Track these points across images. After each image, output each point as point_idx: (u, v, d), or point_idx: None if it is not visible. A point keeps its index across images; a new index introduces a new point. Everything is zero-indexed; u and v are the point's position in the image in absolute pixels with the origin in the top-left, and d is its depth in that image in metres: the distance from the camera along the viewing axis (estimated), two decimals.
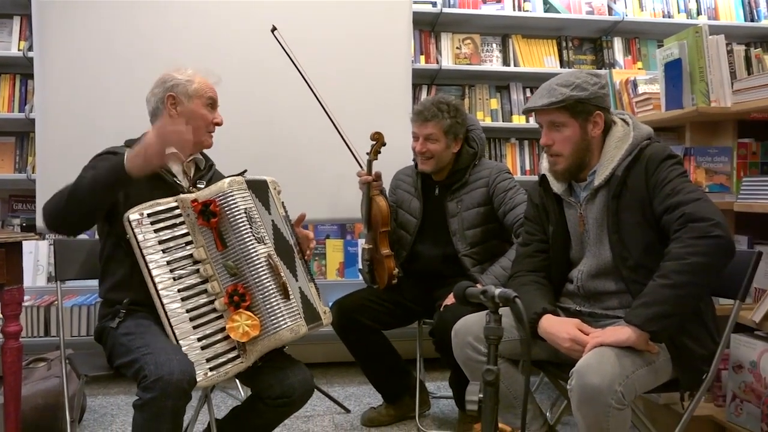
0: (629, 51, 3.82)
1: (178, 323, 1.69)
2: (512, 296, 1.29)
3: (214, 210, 1.74)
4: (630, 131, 1.81)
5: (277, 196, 1.96)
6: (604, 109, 1.82)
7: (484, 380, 1.26)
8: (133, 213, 1.72)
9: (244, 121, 2.88)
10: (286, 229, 1.93)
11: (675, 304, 1.59)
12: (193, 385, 1.60)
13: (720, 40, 2.33)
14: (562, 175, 1.86)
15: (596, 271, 1.83)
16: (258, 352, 1.73)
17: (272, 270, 1.75)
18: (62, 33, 2.79)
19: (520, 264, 2.00)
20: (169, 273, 1.72)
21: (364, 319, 2.50)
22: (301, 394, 1.82)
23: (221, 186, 1.77)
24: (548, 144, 1.83)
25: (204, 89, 1.97)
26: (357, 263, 3.45)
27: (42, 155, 2.79)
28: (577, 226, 1.88)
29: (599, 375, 1.53)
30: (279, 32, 2.59)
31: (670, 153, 1.76)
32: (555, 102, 1.77)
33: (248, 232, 1.75)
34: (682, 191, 1.67)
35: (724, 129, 2.42)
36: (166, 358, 1.59)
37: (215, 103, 2.01)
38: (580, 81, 1.78)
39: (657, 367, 1.66)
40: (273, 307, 1.73)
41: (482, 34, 3.70)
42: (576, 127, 1.79)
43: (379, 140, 2.54)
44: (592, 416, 1.55)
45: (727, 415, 2.22)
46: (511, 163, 3.68)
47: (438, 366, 3.12)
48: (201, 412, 2.19)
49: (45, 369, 2.57)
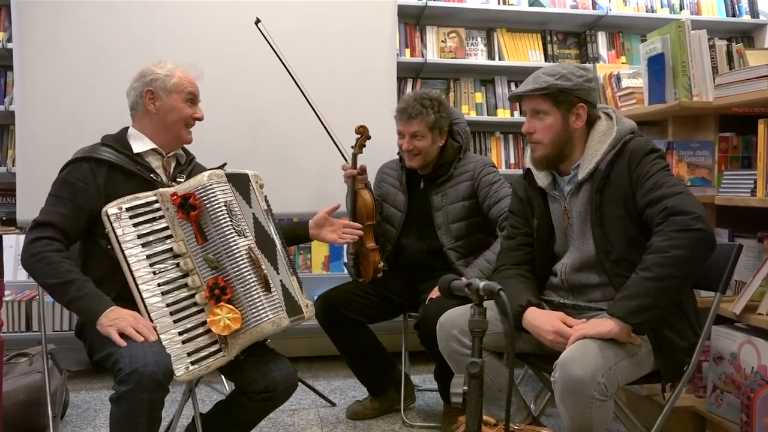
0: (613, 45, 3.84)
1: (159, 317, 1.68)
2: (497, 289, 1.29)
3: (193, 203, 1.73)
4: (613, 125, 1.82)
5: (258, 189, 1.95)
6: (589, 102, 1.83)
7: (469, 373, 1.27)
8: (112, 207, 1.71)
9: (228, 114, 2.86)
10: (268, 222, 1.92)
11: (657, 297, 1.61)
12: (169, 377, 1.59)
13: (702, 35, 2.35)
14: (540, 163, 1.87)
15: (580, 264, 1.85)
16: (239, 345, 1.73)
17: (253, 263, 1.74)
18: (42, 23, 2.75)
19: (504, 257, 2.01)
20: (148, 267, 1.70)
21: (350, 313, 2.50)
22: (284, 388, 1.82)
23: (201, 179, 1.76)
24: (529, 131, 1.85)
25: (183, 84, 1.95)
26: (342, 257, 3.44)
27: (22, 148, 2.75)
28: (562, 220, 1.89)
29: (582, 367, 1.55)
30: (263, 25, 2.57)
31: (653, 147, 1.77)
32: (538, 88, 1.79)
33: (228, 225, 1.73)
34: (664, 185, 1.69)
35: (705, 123, 2.45)
36: (141, 351, 1.58)
37: (195, 98, 1.99)
38: (566, 72, 1.80)
39: (639, 358, 1.68)
40: (254, 300, 1.72)
41: (467, 28, 3.70)
42: (558, 116, 1.81)
43: (364, 134, 2.53)
44: (576, 408, 1.57)
45: (708, 405, 2.26)
46: (495, 156, 3.69)
47: (423, 359, 3.13)
48: (186, 406, 2.18)
49: (27, 364, 2.54)
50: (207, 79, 2.83)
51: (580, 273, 1.85)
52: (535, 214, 1.94)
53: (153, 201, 1.75)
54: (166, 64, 1.97)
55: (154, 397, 1.56)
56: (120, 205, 1.71)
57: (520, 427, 1.60)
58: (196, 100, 1.99)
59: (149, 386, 1.53)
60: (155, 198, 1.76)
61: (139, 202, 1.74)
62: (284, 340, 3.36)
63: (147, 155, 1.94)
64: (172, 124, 1.93)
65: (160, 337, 1.67)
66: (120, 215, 1.70)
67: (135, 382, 1.53)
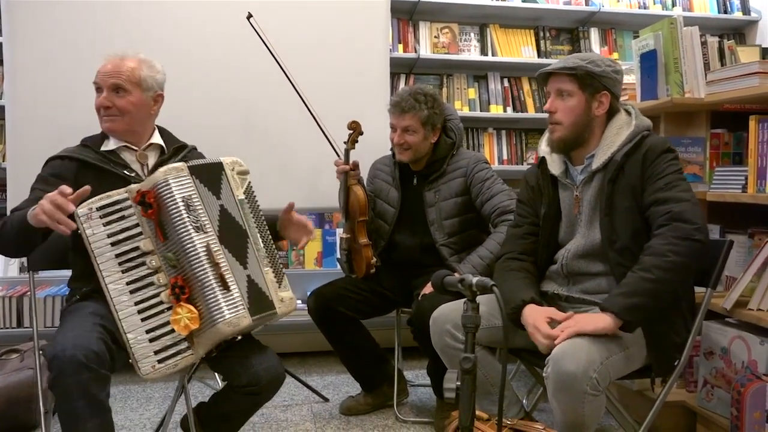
0: (605, 41, 3.85)
1: (127, 316, 1.66)
2: (489, 285, 1.30)
3: (149, 201, 1.69)
4: (632, 120, 1.84)
5: (235, 177, 1.88)
6: (613, 93, 1.84)
7: (462, 368, 1.27)
8: (82, 208, 1.68)
9: (220, 110, 2.85)
10: (242, 212, 1.85)
11: (653, 298, 1.64)
12: (92, 358, 1.56)
13: (694, 31, 2.36)
14: (557, 144, 1.88)
15: (583, 251, 1.85)
16: (205, 345, 1.70)
17: (211, 260, 1.70)
18: (32, 19, 2.72)
19: (509, 245, 2.02)
20: (117, 266, 1.69)
21: (342, 309, 2.50)
22: (268, 381, 1.79)
23: (157, 175, 1.72)
24: (551, 111, 1.86)
25: (96, 75, 1.94)
26: (335, 253, 3.44)
27: (12, 143, 2.73)
28: (572, 208, 1.90)
29: (574, 362, 1.56)
30: (255, 19, 2.56)
31: (670, 146, 1.79)
32: (567, 68, 1.82)
33: (185, 222, 1.69)
34: (675, 188, 1.72)
35: (697, 119, 2.46)
36: (63, 336, 1.60)
37: (100, 87, 1.94)
38: (596, 59, 1.84)
39: (631, 353, 1.69)
40: (209, 300, 1.68)
41: (460, 23, 3.70)
42: (582, 99, 1.82)
43: (357, 129, 2.53)
44: (568, 403, 1.58)
45: (699, 400, 2.27)
46: (488, 152, 3.69)
47: (416, 355, 3.13)
48: (178, 402, 2.18)
49: (18, 360, 2.53)
50: (199, 74, 2.83)
51: (581, 260, 1.86)
52: (544, 203, 1.95)
53: (124, 198, 1.73)
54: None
55: (82, 379, 1.54)
56: (90, 206, 1.68)
57: (512, 422, 1.60)
58: (101, 89, 1.93)
59: (70, 369, 1.53)
60: (126, 195, 1.73)
61: (110, 200, 1.71)
62: (277, 336, 3.36)
63: (121, 151, 1.95)
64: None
65: (127, 336, 1.65)
66: (90, 215, 1.67)
67: (56, 367, 1.55)
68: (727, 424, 2.07)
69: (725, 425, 2.09)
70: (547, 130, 1.91)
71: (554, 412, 1.64)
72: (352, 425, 2.53)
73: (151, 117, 2.02)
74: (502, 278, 1.91)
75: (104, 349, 1.61)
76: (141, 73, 1.94)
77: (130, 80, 1.92)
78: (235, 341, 1.79)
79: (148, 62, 1.99)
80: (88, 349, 1.57)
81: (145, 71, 1.96)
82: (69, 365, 1.53)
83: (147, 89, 1.96)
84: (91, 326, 1.66)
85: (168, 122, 2.14)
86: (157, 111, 2.04)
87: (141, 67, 1.95)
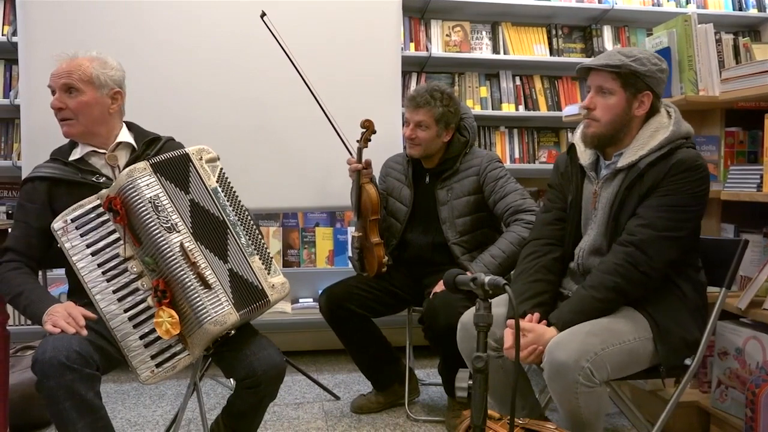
0: (619, 39, 3.82)
1: (118, 325, 1.66)
2: (502, 284, 1.29)
3: (115, 207, 1.66)
4: (670, 125, 1.77)
5: (204, 166, 1.80)
6: (655, 93, 1.78)
7: (474, 367, 1.27)
8: (57, 222, 1.67)
9: (233, 108, 2.86)
10: (216, 203, 1.78)
11: (591, 314, 1.69)
12: (73, 358, 1.54)
13: (709, 28, 2.34)
14: (591, 139, 1.82)
15: (597, 248, 1.84)
16: (198, 345, 1.69)
17: (188, 260, 1.67)
18: (47, 17, 2.74)
19: (537, 231, 1.99)
20: (101, 275, 1.67)
21: (354, 307, 2.50)
22: (264, 372, 1.73)
23: (121, 179, 1.69)
24: (589, 107, 1.80)
25: (50, 78, 1.87)
26: (346, 251, 3.45)
27: (27, 142, 2.75)
28: (590, 203, 1.88)
29: (566, 351, 1.58)
30: (268, 18, 2.56)
31: (699, 164, 1.71)
32: (611, 65, 1.74)
33: (155, 224, 1.66)
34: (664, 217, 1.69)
35: (711, 118, 2.44)
36: (45, 341, 1.58)
37: (53, 90, 1.86)
38: (642, 56, 1.75)
39: (632, 346, 1.67)
40: (193, 301, 1.65)
41: (472, 22, 3.69)
42: (622, 98, 1.76)
43: (370, 128, 2.53)
44: (561, 392, 1.59)
45: (712, 401, 2.25)
46: (500, 151, 3.68)
47: (427, 353, 3.14)
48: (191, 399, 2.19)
49: (32, 358, 2.55)
50: (211, 72, 2.84)
51: (595, 257, 1.84)
52: (571, 190, 1.92)
53: (96, 206, 1.70)
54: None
55: (64, 381, 1.53)
56: (65, 218, 1.68)
57: (524, 422, 1.60)
58: (54, 91, 1.86)
59: (51, 372, 1.52)
60: (99, 202, 1.70)
61: (83, 210, 1.69)
62: (288, 334, 3.38)
63: (89, 157, 1.89)
64: None
65: (122, 345, 1.65)
66: (66, 228, 1.67)
67: (39, 371, 1.54)
68: (742, 425, 2.05)
69: (739, 426, 2.08)
70: (582, 123, 1.86)
71: (557, 406, 1.66)
72: (364, 423, 2.54)
73: (113, 116, 1.91)
74: (518, 271, 1.91)
75: (89, 349, 1.59)
76: (92, 71, 1.85)
77: (81, 79, 1.84)
78: (229, 336, 1.75)
79: (100, 60, 1.90)
80: (69, 350, 1.54)
81: (96, 69, 1.86)
82: (49, 368, 1.52)
83: (101, 87, 1.86)
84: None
85: (178, 122, 2.14)
86: (119, 109, 1.93)
87: (92, 65, 1.86)
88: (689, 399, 2.30)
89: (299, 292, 3.52)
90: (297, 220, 3.52)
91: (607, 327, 1.66)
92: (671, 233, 1.69)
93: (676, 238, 1.70)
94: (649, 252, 1.67)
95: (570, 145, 1.96)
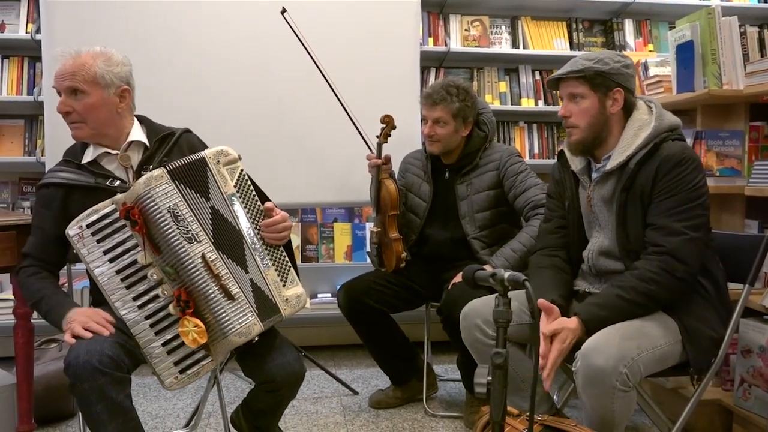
0: (640, 33, 3.77)
1: (140, 332, 1.63)
2: (522, 279, 1.28)
3: (134, 217, 1.61)
4: (652, 121, 1.77)
5: (221, 170, 1.70)
6: (626, 88, 1.80)
7: (493, 363, 1.27)
8: (73, 228, 1.64)
9: (253, 104, 2.87)
10: (232, 209, 1.70)
11: (619, 316, 1.66)
12: (106, 362, 1.53)
13: (733, 21, 2.30)
14: (576, 147, 1.84)
15: (605, 250, 1.84)
16: (221, 352, 1.68)
17: (210, 271, 1.63)
18: (70, 15, 2.78)
19: (541, 241, 2.01)
20: (120, 282, 1.64)
21: (372, 302, 2.50)
22: (282, 379, 1.72)
23: (138, 188, 1.62)
24: (565, 116, 1.83)
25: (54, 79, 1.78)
26: (365, 246, 3.45)
27: (51, 138, 2.80)
28: (586, 207, 1.89)
29: (604, 356, 1.55)
30: (288, 14, 2.57)
31: (686, 156, 1.70)
32: (574, 71, 1.78)
33: (175, 235, 1.61)
34: (679, 219, 1.68)
35: (735, 112, 2.40)
36: (78, 343, 1.58)
37: (59, 92, 1.77)
38: (603, 57, 1.79)
39: (664, 350, 1.66)
40: (217, 312, 1.63)
41: (491, 16, 3.66)
42: (594, 100, 1.78)
43: (390, 123, 2.53)
44: (597, 398, 1.57)
45: (735, 399, 2.23)
46: (520, 146, 3.65)
47: (446, 349, 3.13)
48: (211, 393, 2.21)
49: (56, 350, 2.59)
50: (232, 68, 2.86)
51: (605, 258, 1.84)
52: (567, 196, 1.94)
53: (112, 211, 1.65)
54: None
55: (97, 385, 1.53)
56: (80, 223, 1.64)
57: (543, 418, 1.59)
58: (60, 93, 1.77)
59: (84, 376, 1.52)
60: (114, 207, 1.65)
61: (98, 215, 1.65)
62: (306, 329, 3.39)
63: (101, 159, 1.82)
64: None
65: (144, 352, 1.63)
66: (82, 234, 1.63)
67: (72, 375, 1.53)
68: (765, 424, 2.03)
69: (763, 425, 2.05)
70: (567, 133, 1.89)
71: (584, 408, 1.63)
72: (382, 418, 2.54)
73: (122, 114, 1.82)
74: (531, 275, 1.90)
75: (120, 352, 1.59)
76: (97, 70, 1.75)
77: (85, 80, 1.74)
78: (253, 342, 1.72)
79: (105, 55, 1.79)
80: (102, 354, 1.54)
81: (101, 67, 1.76)
82: (83, 371, 1.52)
83: (107, 86, 1.76)
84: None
85: (198, 119, 2.15)
86: (128, 106, 1.84)
87: (97, 63, 1.76)
88: (711, 397, 2.27)
89: (318, 288, 3.53)
90: (315, 215, 3.53)
91: (640, 331, 1.64)
92: (694, 233, 1.68)
93: (698, 237, 1.69)
94: (684, 258, 1.66)
95: (559, 152, 1.97)
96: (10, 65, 3.29)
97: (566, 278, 1.91)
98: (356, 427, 2.45)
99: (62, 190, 1.79)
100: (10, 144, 3.32)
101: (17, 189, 3.39)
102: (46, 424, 2.45)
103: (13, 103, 3.27)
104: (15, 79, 3.28)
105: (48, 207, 1.79)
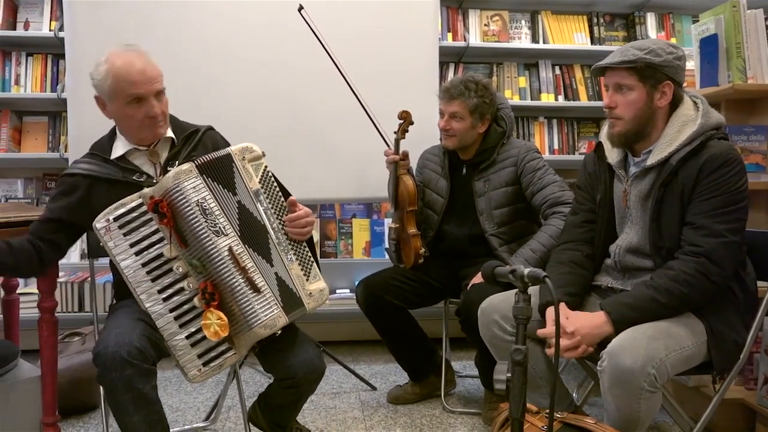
0: (663, 27, 3.72)
1: (164, 324, 1.66)
2: (542, 276, 1.27)
3: (162, 210, 1.64)
4: (698, 117, 1.72)
5: (246, 166, 1.74)
6: (676, 81, 1.74)
7: (513, 360, 1.26)
8: (100, 221, 1.66)
9: (269, 99, 2.88)
10: (257, 205, 1.74)
11: (649, 316, 1.64)
12: (134, 354, 1.56)
13: (758, 14, 2.27)
14: (618, 139, 1.79)
15: (635, 247, 1.81)
16: (245, 345, 1.70)
17: (237, 264, 1.66)
18: (93, 13, 2.81)
19: (566, 234, 1.99)
20: (145, 275, 1.66)
21: (390, 298, 2.51)
22: (303, 375, 1.75)
23: (167, 181, 1.65)
24: (610, 106, 1.77)
25: (121, 86, 1.76)
26: (383, 242, 3.46)
27: (74, 134, 2.83)
28: (621, 201, 1.85)
29: (632, 357, 1.53)
30: (305, 11, 2.57)
31: (732, 157, 1.67)
32: (625, 61, 1.72)
33: (203, 228, 1.65)
34: (720, 221, 1.64)
35: (761, 106, 2.36)
36: (107, 334, 1.61)
37: (141, 98, 1.77)
38: (656, 47, 1.71)
39: (690, 353, 1.64)
40: (243, 305, 1.66)
41: (511, 11, 3.64)
42: (642, 92, 1.73)
43: (407, 119, 2.52)
44: (624, 398, 1.55)
45: (759, 398, 2.19)
46: (539, 142, 3.63)
47: (464, 346, 3.13)
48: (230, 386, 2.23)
49: (79, 343, 2.63)
50: (250, 65, 2.87)
51: (633, 255, 1.82)
52: (600, 189, 1.90)
53: (139, 205, 1.68)
54: (103, 64, 1.79)
55: (125, 375, 1.55)
56: (107, 216, 1.66)
57: (562, 416, 1.58)
58: (143, 98, 1.77)
59: (113, 366, 1.55)
60: (141, 201, 1.68)
61: (125, 209, 1.67)
62: (325, 324, 3.41)
63: (130, 154, 1.86)
64: (130, 129, 1.83)
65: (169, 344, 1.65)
66: (109, 227, 1.65)
67: (101, 364, 1.56)
68: None
69: None
70: (607, 123, 1.83)
71: (607, 407, 1.61)
72: (400, 414, 2.55)
73: None
74: (548, 269, 1.89)
75: (147, 344, 1.62)
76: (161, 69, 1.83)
77: (162, 80, 1.82)
78: (276, 336, 1.75)
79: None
80: (130, 345, 1.57)
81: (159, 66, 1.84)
82: (111, 362, 1.55)
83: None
84: (134, 323, 1.67)
85: (217, 116, 2.16)
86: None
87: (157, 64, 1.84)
88: (734, 396, 2.24)
89: (336, 283, 3.54)
90: (334, 211, 3.54)
91: (668, 332, 1.61)
92: (733, 237, 1.64)
93: (735, 241, 1.65)
94: (720, 261, 1.63)
95: (597, 143, 1.93)
96: (34, 63, 3.33)
97: (582, 274, 1.89)
98: (374, 423, 2.46)
99: (88, 181, 1.82)
100: (35, 140, 3.37)
101: (41, 185, 3.44)
102: (70, 415, 2.50)
103: (37, 100, 3.32)
104: (39, 76, 3.33)
105: (67, 194, 1.81)
